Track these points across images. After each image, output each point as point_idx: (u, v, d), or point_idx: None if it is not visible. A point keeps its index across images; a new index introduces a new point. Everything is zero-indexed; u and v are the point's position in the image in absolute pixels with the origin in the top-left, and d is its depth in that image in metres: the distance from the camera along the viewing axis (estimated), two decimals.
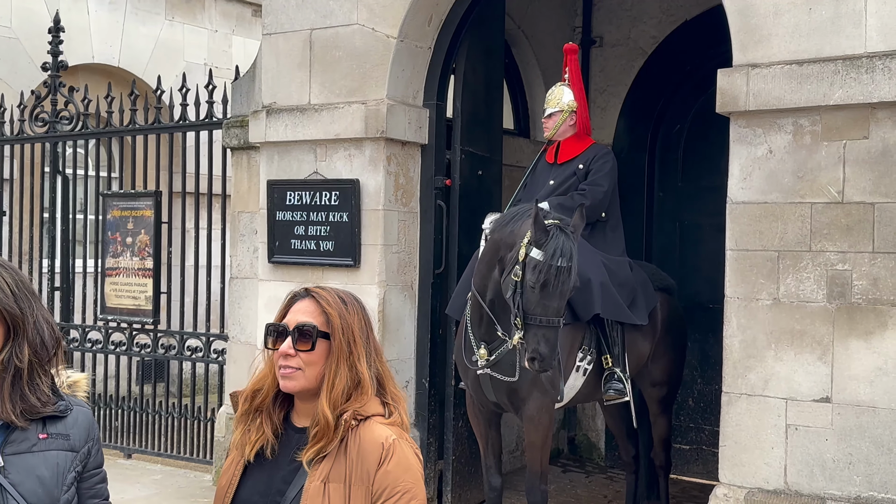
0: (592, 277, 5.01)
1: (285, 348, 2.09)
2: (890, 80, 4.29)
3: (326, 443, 2.05)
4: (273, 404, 2.16)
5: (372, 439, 2.04)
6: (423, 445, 6.14)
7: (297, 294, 2.19)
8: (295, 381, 2.10)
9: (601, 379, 5.16)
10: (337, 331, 2.10)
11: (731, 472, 4.71)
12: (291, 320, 2.13)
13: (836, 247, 4.46)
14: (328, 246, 6.06)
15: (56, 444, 2.02)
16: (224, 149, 7.03)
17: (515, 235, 4.61)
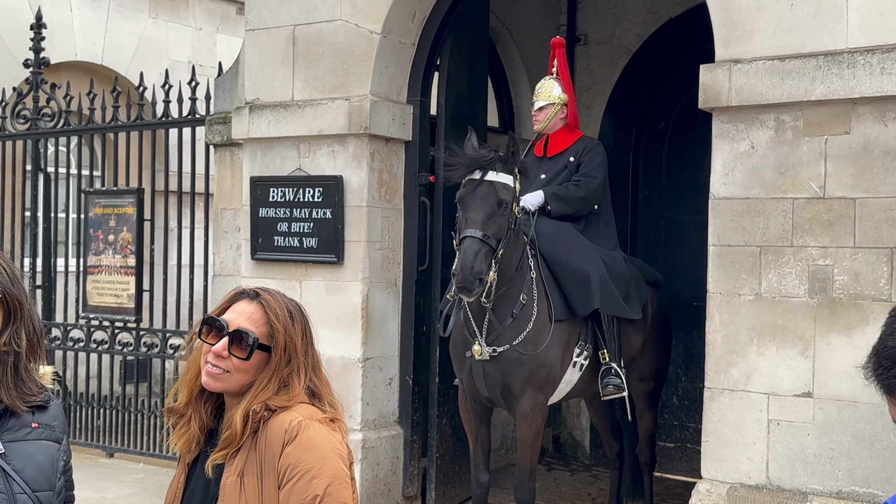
0: (591, 272, 5.00)
1: (219, 348, 2.04)
2: (871, 75, 4.30)
3: (233, 449, 2.02)
4: (200, 398, 2.11)
5: (277, 426, 2.00)
6: (406, 443, 6.13)
7: (245, 292, 2.13)
8: (219, 382, 2.06)
9: (596, 374, 5.14)
10: (279, 347, 2.06)
11: (714, 468, 4.71)
12: (233, 321, 2.07)
13: (817, 242, 4.47)
14: (311, 243, 6.03)
15: (46, 433, 2.01)
16: (207, 146, 6.99)
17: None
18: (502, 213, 4.50)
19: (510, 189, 4.55)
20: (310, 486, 1.93)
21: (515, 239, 4.78)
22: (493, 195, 4.50)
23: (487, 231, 4.45)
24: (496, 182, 4.52)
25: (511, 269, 4.79)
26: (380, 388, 6.03)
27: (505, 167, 4.58)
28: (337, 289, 5.96)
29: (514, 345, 4.80)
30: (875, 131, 4.35)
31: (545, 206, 5.30)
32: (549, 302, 4.95)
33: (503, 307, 4.83)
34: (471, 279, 4.38)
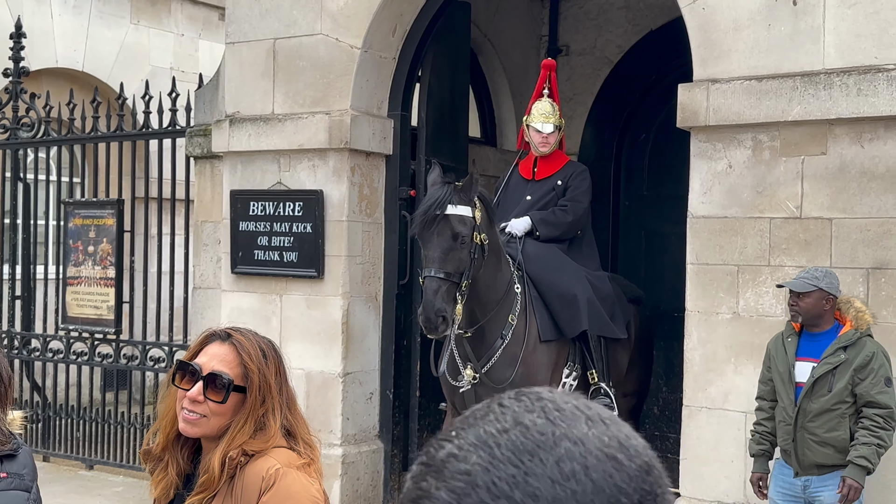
0: (579, 294, 5.02)
1: (194, 393, 2.02)
2: (847, 96, 4.33)
3: (211, 493, 2.00)
4: (176, 443, 2.08)
5: (255, 472, 1.99)
6: (387, 457, 6.12)
7: (216, 334, 2.11)
8: (197, 427, 2.03)
9: (586, 394, 5.14)
10: (254, 387, 2.04)
11: (692, 485, 4.73)
12: (206, 365, 2.04)
13: (794, 261, 4.50)
14: (291, 257, 6.02)
15: (15, 482, 1.99)
16: (187, 157, 6.96)
17: None
18: (460, 247, 4.47)
19: (468, 220, 4.51)
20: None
21: (496, 263, 4.78)
22: (448, 229, 4.47)
23: (446, 268, 4.44)
24: (452, 215, 4.47)
25: (495, 294, 4.80)
26: (360, 402, 6.02)
27: (462, 198, 4.53)
28: (317, 303, 5.95)
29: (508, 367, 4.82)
30: (851, 152, 4.38)
31: (533, 230, 5.31)
32: (538, 322, 4.97)
33: (492, 329, 4.85)
34: (434, 319, 4.40)
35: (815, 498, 4.04)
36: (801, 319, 4.03)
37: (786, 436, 4.05)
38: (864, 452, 3.94)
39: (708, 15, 4.72)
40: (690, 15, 4.79)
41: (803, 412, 3.98)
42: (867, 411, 3.97)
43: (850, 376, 3.93)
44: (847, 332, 4.00)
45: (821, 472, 4.02)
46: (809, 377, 3.99)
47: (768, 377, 4.16)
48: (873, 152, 4.33)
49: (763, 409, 4.17)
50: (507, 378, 4.82)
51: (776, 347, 4.13)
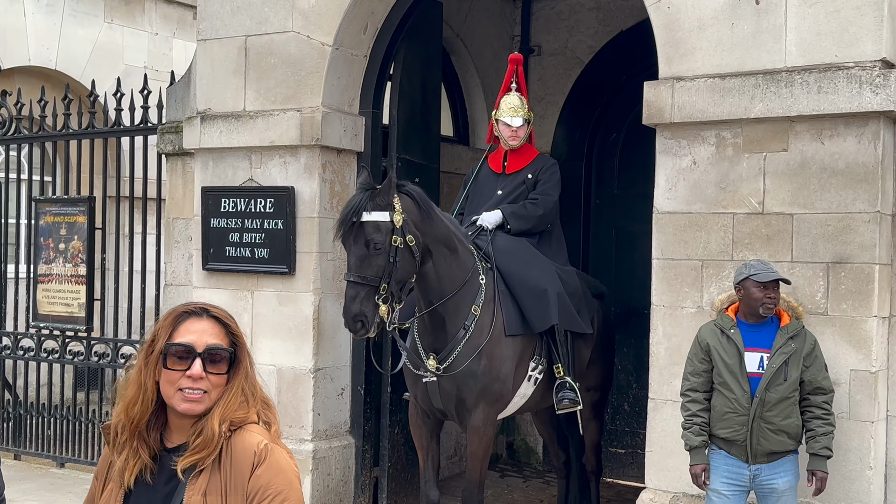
0: (549, 288, 5.07)
1: (197, 371, 2.04)
2: (808, 94, 4.41)
3: (206, 455, 2.03)
4: (147, 427, 2.10)
5: (244, 447, 2.05)
6: (358, 453, 6.15)
7: (190, 312, 2.13)
8: (201, 404, 2.06)
9: (550, 388, 5.21)
10: (244, 351, 2.12)
11: (657, 477, 4.80)
12: (199, 342, 2.07)
13: (756, 256, 4.57)
14: (263, 253, 6.04)
15: None
16: (159, 154, 6.97)
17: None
18: (375, 253, 4.55)
19: (383, 226, 4.57)
20: None
21: (449, 254, 4.85)
22: (362, 237, 4.57)
23: (363, 273, 4.55)
24: (367, 222, 4.56)
25: (451, 284, 4.86)
26: (331, 398, 6.05)
27: (378, 204, 4.59)
28: (288, 299, 5.97)
29: (471, 358, 4.86)
30: (812, 148, 4.47)
31: (504, 224, 5.36)
32: (504, 315, 5.01)
33: (453, 320, 4.89)
34: (352, 323, 4.57)
35: (768, 485, 4.12)
36: (769, 311, 4.11)
37: (738, 426, 4.09)
38: (825, 443, 4.09)
39: (673, 14, 4.80)
40: (656, 14, 4.86)
41: (762, 402, 4.06)
42: (815, 399, 4.12)
43: (800, 364, 4.08)
44: (792, 322, 4.15)
45: (770, 459, 4.11)
46: (768, 367, 4.07)
47: (703, 369, 4.19)
48: (833, 149, 4.42)
49: (699, 402, 4.18)
50: (470, 369, 4.87)
51: (716, 340, 4.16)
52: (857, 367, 4.37)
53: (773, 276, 4.10)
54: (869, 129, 4.34)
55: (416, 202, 4.74)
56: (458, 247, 4.95)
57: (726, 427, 4.12)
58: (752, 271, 4.12)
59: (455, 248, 4.92)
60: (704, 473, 4.17)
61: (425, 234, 4.75)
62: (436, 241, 4.82)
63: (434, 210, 4.86)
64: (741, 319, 4.18)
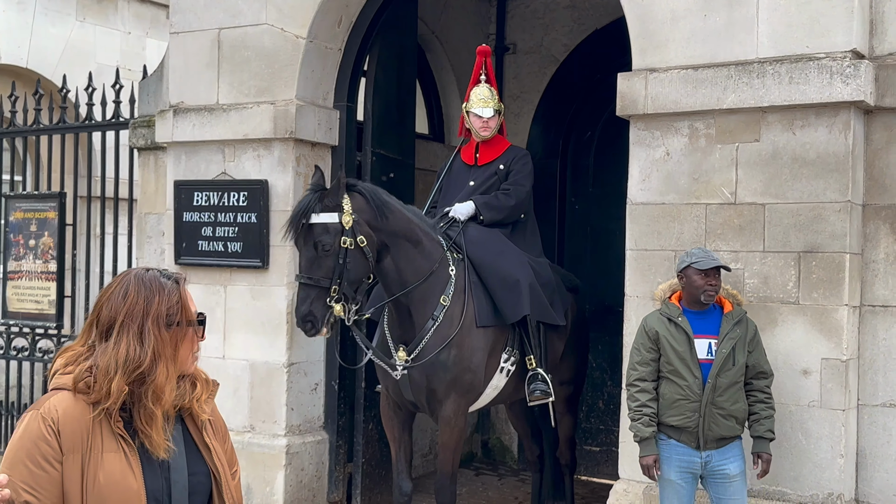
0: (521, 278, 5.06)
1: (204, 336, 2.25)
2: (779, 84, 4.44)
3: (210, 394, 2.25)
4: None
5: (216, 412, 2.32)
6: (332, 448, 6.11)
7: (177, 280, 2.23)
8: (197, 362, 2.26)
9: (523, 379, 5.20)
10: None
11: (631, 468, 4.79)
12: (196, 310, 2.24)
13: (729, 246, 4.60)
14: (236, 247, 6.00)
15: None
16: (131, 149, 6.91)
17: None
18: (324, 254, 4.58)
19: (331, 227, 4.59)
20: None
21: (411, 248, 4.85)
22: (311, 239, 4.60)
23: (313, 274, 4.59)
24: (315, 224, 4.58)
25: (414, 276, 4.85)
26: (305, 393, 6.01)
27: (326, 205, 4.61)
28: (262, 293, 5.93)
29: (440, 349, 4.84)
30: (783, 139, 4.50)
31: (477, 215, 5.35)
32: (476, 307, 5.00)
33: (421, 311, 4.88)
34: (301, 323, 4.63)
35: (720, 471, 4.16)
36: (710, 298, 4.15)
37: (689, 413, 4.12)
38: (769, 426, 4.21)
39: (646, 6, 4.82)
40: (629, 5, 4.88)
41: (714, 388, 4.10)
42: (758, 383, 4.22)
43: (745, 349, 4.17)
44: (735, 309, 4.23)
45: (720, 445, 4.17)
46: (718, 353, 4.11)
47: (650, 358, 4.21)
48: (804, 139, 4.45)
49: (647, 391, 4.20)
50: (439, 360, 4.85)
51: (665, 328, 4.19)
52: (828, 355, 4.40)
53: (713, 264, 4.16)
54: (839, 119, 4.37)
55: (368, 200, 4.72)
56: (423, 238, 4.93)
57: (677, 414, 4.15)
58: (693, 259, 4.17)
59: (418, 240, 4.90)
60: (656, 464, 4.19)
61: (380, 230, 4.74)
62: (394, 236, 4.80)
63: (389, 206, 4.81)
64: (685, 307, 4.22)
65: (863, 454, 4.51)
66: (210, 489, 2.15)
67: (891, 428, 4.45)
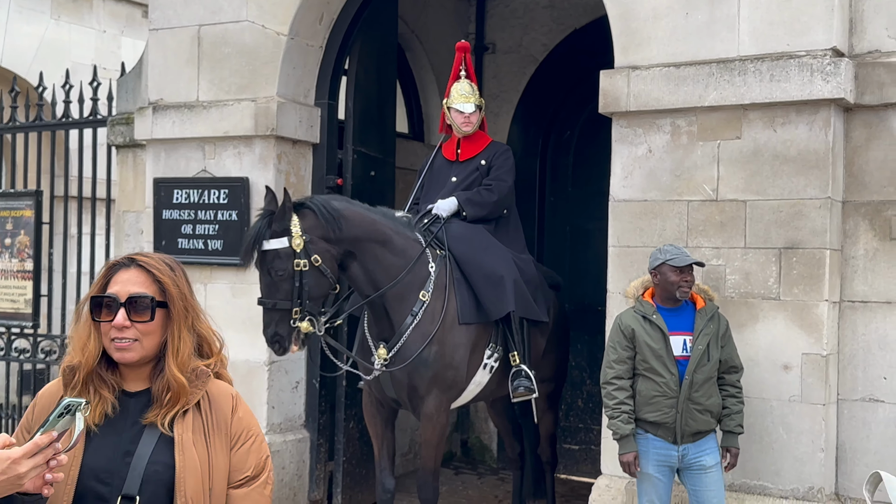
0: (505, 275, 5.06)
1: (120, 321, 2.09)
2: (760, 82, 4.48)
3: (183, 404, 2.12)
4: (102, 370, 2.14)
5: (220, 392, 2.20)
6: (313, 447, 6.09)
7: (120, 263, 2.18)
8: (133, 352, 2.12)
9: (506, 376, 5.20)
10: (175, 298, 2.16)
11: (612, 464, 4.80)
12: (121, 291, 2.12)
13: (710, 243, 4.63)
14: (216, 245, 5.97)
15: None
16: (109, 147, 6.85)
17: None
18: (280, 279, 4.62)
19: (282, 252, 4.61)
20: (262, 447, 2.24)
21: (379, 252, 4.84)
22: (265, 265, 4.66)
23: (272, 298, 4.65)
24: (267, 251, 4.62)
25: (386, 278, 4.85)
26: (286, 391, 5.98)
27: (276, 231, 4.63)
28: (243, 291, 5.89)
29: (420, 346, 4.84)
30: (764, 136, 4.54)
31: (460, 211, 5.35)
32: (458, 303, 5.00)
33: (398, 309, 4.87)
34: (270, 343, 4.72)
35: (697, 463, 4.21)
36: (685, 294, 4.19)
37: (667, 409, 4.16)
38: (739, 420, 4.29)
39: (628, 4, 4.85)
40: (611, 4, 4.91)
41: (691, 384, 4.15)
42: (730, 377, 4.28)
43: (718, 345, 4.23)
44: (708, 304, 4.29)
45: (696, 438, 4.22)
46: (694, 349, 4.15)
47: (627, 356, 4.24)
48: (785, 136, 4.50)
49: (625, 389, 4.23)
50: (421, 357, 4.85)
51: (640, 326, 4.23)
52: (808, 350, 4.44)
53: (688, 261, 4.20)
54: (820, 116, 4.42)
55: (318, 215, 4.69)
56: (393, 237, 4.91)
57: (655, 410, 4.18)
58: (667, 256, 4.20)
59: (387, 240, 4.88)
60: (636, 460, 4.21)
61: (340, 241, 4.72)
62: (358, 241, 4.78)
63: (342, 214, 4.75)
64: (659, 304, 4.25)
65: (843, 448, 4.56)
66: (171, 482, 2.08)
67: (870, 422, 4.51)
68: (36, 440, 1.85)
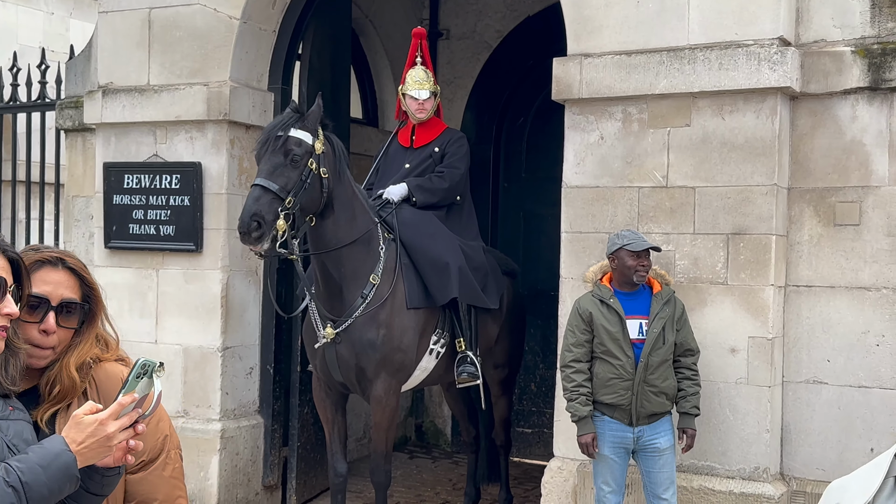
0: (451, 262, 5.09)
1: (52, 325, 1.98)
2: (710, 70, 4.56)
3: (69, 400, 2.01)
4: None
5: (108, 377, 2.06)
6: (267, 432, 6.09)
7: (45, 261, 2.02)
8: (47, 359, 2.01)
9: (453, 362, 5.24)
10: (99, 304, 2.07)
11: (565, 446, 4.89)
12: (53, 294, 2.00)
13: (660, 228, 4.71)
14: (169, 230, 5.92)
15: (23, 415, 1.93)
16: (58, 131, 6.74)
17: None
18: (290, 165, 4.51)
19: (304, 144, 4.56)
20: (159, 427, 2.11)
21: (345, 214, 4.82)
22: (281, 148, 4.53)
23: (273, 180, 4.45)
24: (290, 136, 4.55)
25: (346, 236, 4.83)
26: (240, 377, 5.97)
27: (305, 125, 4.61)
28: (195, 277, 5.86)
29: (369, 328, 4.86)
30: (713, 124, 4.62)
31: (410, 197, 5.37)
32: (406, 288, 5.02)
33: (350, 288, 4.88)
34: (248, 222, 4.38)
35: (652, 445, 4.30)
36: (642, 279, 4.27)
37: (623, 391, 4.24)
38: (695, 402, 4.36)
39: None
40: None
41: (646, 366, 4.23)
42: (686, 360, 4.36)
43: (674, 328, 4.31)
44: (664, 289, 4.37)
45: (651, 420, 4.30)
46: (649, 332, 4.24)
47: (585, 339, 4.31)
48: (733, 124, 4.58)
49: (583, 372, 4.30)
50: (368, 339, 4.87)
51: (597, 309, 4.30)
52: (754, 334, 4.55)
53: (645, 245, 4.28)
54: (767, 104, 4.51)
55: (335, 150, 4.77)
56: (359, 216, 4.94)
57: (611, 393, 4.26)
58: (625, 241, 4.27)
59: (354, 215, 4.91)
60: (594, 441, 4.29)
61: (333, 181, 4.76)
62: (337, 200, 4.80)
63: (346, 170, 4.86)
64: (616, 289, 4.33)
65: (787, 429, 4.68)
66: None
67: (814, 403, 4.63)
68: (120, 400, 1.80)
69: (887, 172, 4.49)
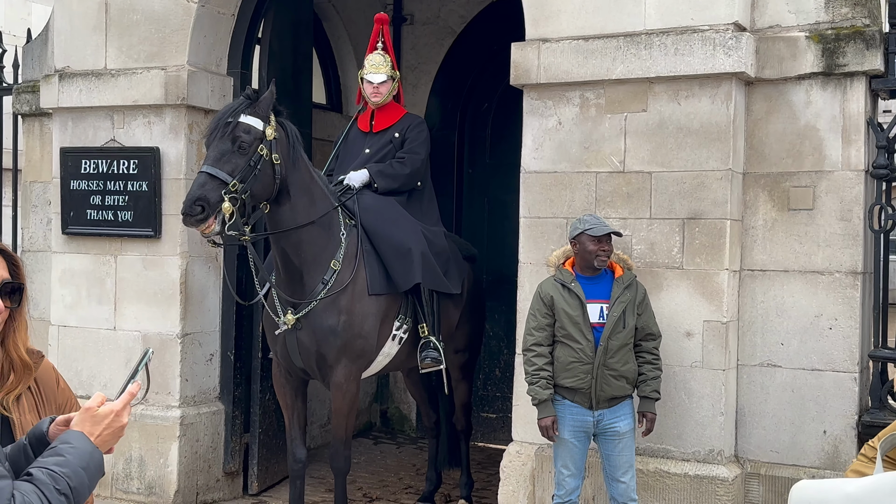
0: (413, 247, 5.09)
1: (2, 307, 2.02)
2: (666, 56, 4.57)
3: (26, 382, 2.08)
4: None
5: (43, 367, 2.18)
6: (228, 419, 6.06)
7: None
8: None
9: (416, 347, 5.24)
10: (26, 280, 2.10)
11: (524, 430, 4.92)
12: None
13: (618, 213, 4.73)
14: (127, 216, 5.86)
15: None
16: (15, 116, 6.65)
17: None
18: (238, 152, 4.49)
19: (254, 130, 4.55)
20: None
21: (303, 199, 4.81)
22: (230, 135, 4.51)
23: (220, 167, 4.44)
24: (239, 123, 4.53)
25: (304, 218, 4.81)
26: (200, 363, 5.94)
27: (255, 111, 4.59)
28: (154, 263, 5.82)
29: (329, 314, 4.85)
30: (669, 109, 4.64)
31: (371, 183, 5.35)
32: (368, 274, 5.01)
33: (311, 273, 4.87)
34: (190, 206, 4.37)
35: (611, 429, 4.33)
36: (603, 263, 4.29)
37: (583, 375, 4.27)
38: (655, 386, 4.39)
39: None
40: None
41: (606, 350, 4.25)
42: (647, 344, 4.39)
43: (634, 312, 4.33)
44: (625, 273, 4.40)
45: (611, 404, 4.33)
46: (609, 316, 4.26)
47: (546, 323, 4.33)
48: (689, 109, 4.60)
49: (544, 355, 4.32)
50: (329, 325, 4.86)
51: (559, 294, 4.32)
52: (709, 317, 4.59)
53: (606, 230, 4.29)
54: (722, 90, 4.54)
55: (289, 135, 4.75)
56: (318, 200, 4.92)
57: (571, 376, 4.28)
58: (586, 226, 4.29)
59: (314, 199, 4.89)
60: (554, 425, 4.31)
61: (286, 167, 4.73)
62: (293, 186, 4.78)
63: (301, 155, 4.83)
64: (578, 273, 4.35)
65: (742, 412, 4.73)
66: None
67: (767, 386, 4.68)
68: (130, 390, 1.88)
69: (840, 157, 4.54)
